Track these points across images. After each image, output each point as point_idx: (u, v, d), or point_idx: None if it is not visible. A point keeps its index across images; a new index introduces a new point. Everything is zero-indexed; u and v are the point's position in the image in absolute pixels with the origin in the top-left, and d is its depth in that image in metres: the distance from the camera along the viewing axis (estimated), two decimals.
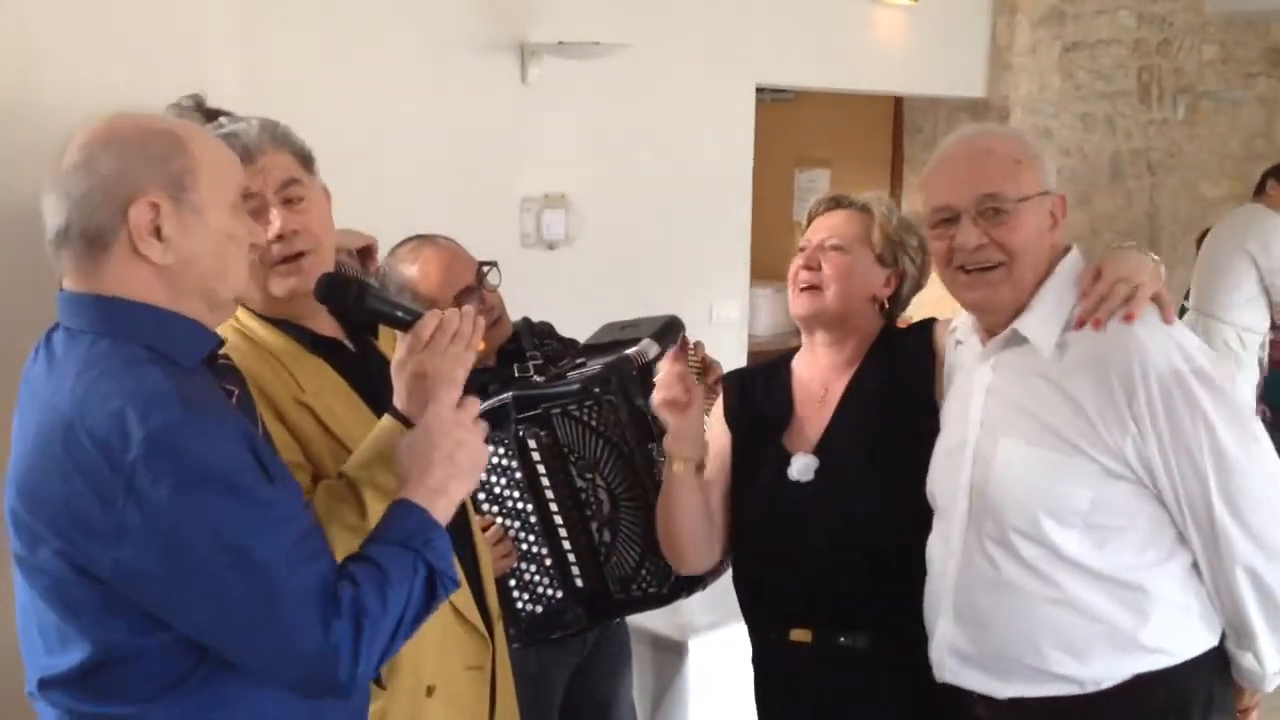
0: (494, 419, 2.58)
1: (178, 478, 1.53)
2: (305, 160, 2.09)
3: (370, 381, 2.08)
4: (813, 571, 2.41)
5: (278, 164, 2.03)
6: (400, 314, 1.96)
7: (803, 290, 2.48)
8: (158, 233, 1.65)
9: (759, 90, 5.61)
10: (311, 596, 1.57)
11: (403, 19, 4.28)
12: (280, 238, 2.01)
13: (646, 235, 5.07)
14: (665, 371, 2.41)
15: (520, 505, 2.71)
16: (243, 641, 1.59)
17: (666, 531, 2.52)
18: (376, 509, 1.80)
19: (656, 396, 2.41)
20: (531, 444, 2.65)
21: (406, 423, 1.88)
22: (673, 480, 2.45)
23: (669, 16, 5.08)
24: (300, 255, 2.03)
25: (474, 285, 2.82)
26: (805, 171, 7.82)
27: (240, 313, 2.00)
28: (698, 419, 2.44)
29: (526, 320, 3.02)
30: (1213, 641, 2.13)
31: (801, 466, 2.45)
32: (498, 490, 2.71)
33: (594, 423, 2.63)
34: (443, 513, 1.75)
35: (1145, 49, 7.04)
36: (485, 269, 2.85)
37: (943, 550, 2.24)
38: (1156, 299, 2.11)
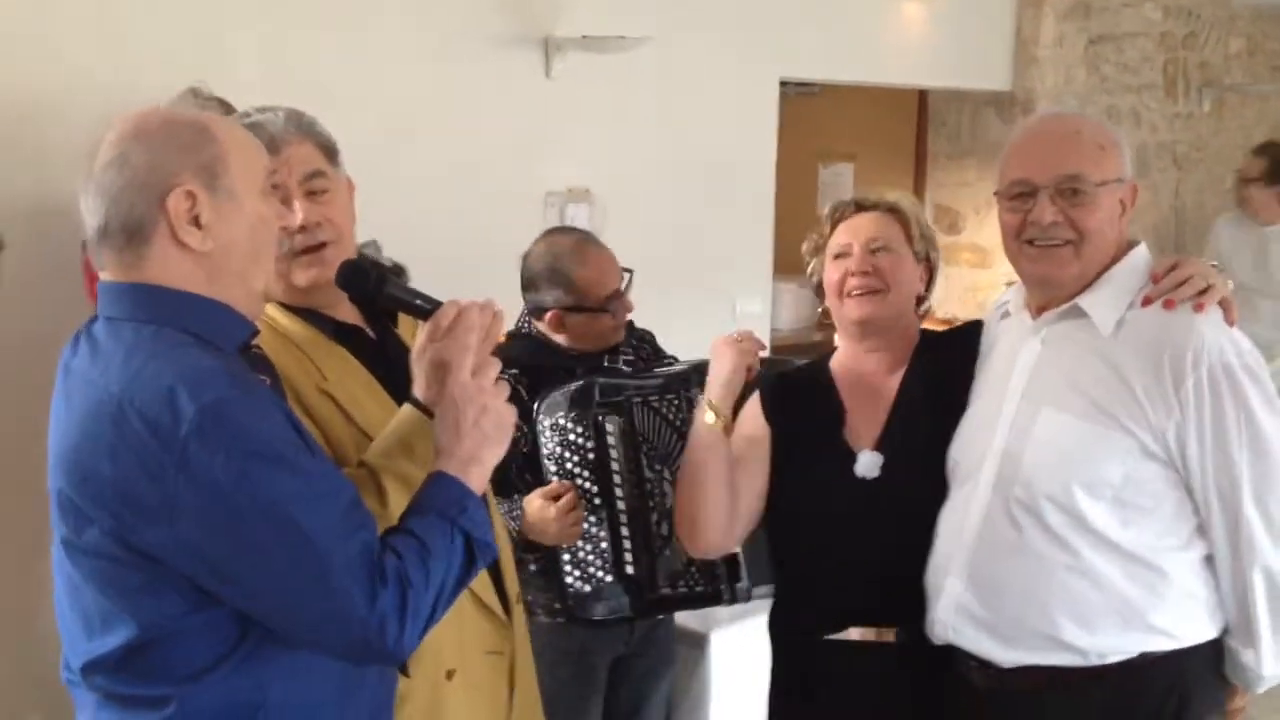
0: (578, 399, 2.73)
1: (230, 451, 1.56)
2: (329, 151, 2.13)
3: (390, 369, 2.10)
4: (883, 568, 2.40)
5: (302, 155, 2.07)
6: (419, 302, 1.97)
7: (859, 295, 2.47)
8: (196, 221, 1.68)
9: (782, 84, 5.61)
10: (359, 566, 1.61)
11: (426, 14, 4.30)
12: (303, 229, 2.04)
13: (670, 229, 5.08)
14: (750, 338, 2.48)
15: (587, 485, 2.78)
16: (293, 611, 1.63)
17: (691, 500, 2.45)
18: (397, 497, 1.83)
19: (741, 351, 2.44)
20: (609, 428, 2.74)
21: (426, 411, 1.90)
22: (710, 437, 2.41)
23: (693, 10, 5.08)
24: (323, 246, 2.07)
25: (620, 290, 2.95)
26: (829, 166, 7.81)
27: None
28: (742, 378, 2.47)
29: (630, 323, 3.11)
30: (1214, 633, 2.17)
31: (868, 463, 2.44)
32: (569, 466, 2.78)
33: (672, 417, 2.73)
34: (477, 481, 1.79)
35: (1171, 42, 7.00)
36: (626, 275, 2.98)
37: (959, 513, 2.27)
38: (1224, 303, 2.15)
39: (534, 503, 2.74)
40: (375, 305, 2.13)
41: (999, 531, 2.20)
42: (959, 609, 2.24)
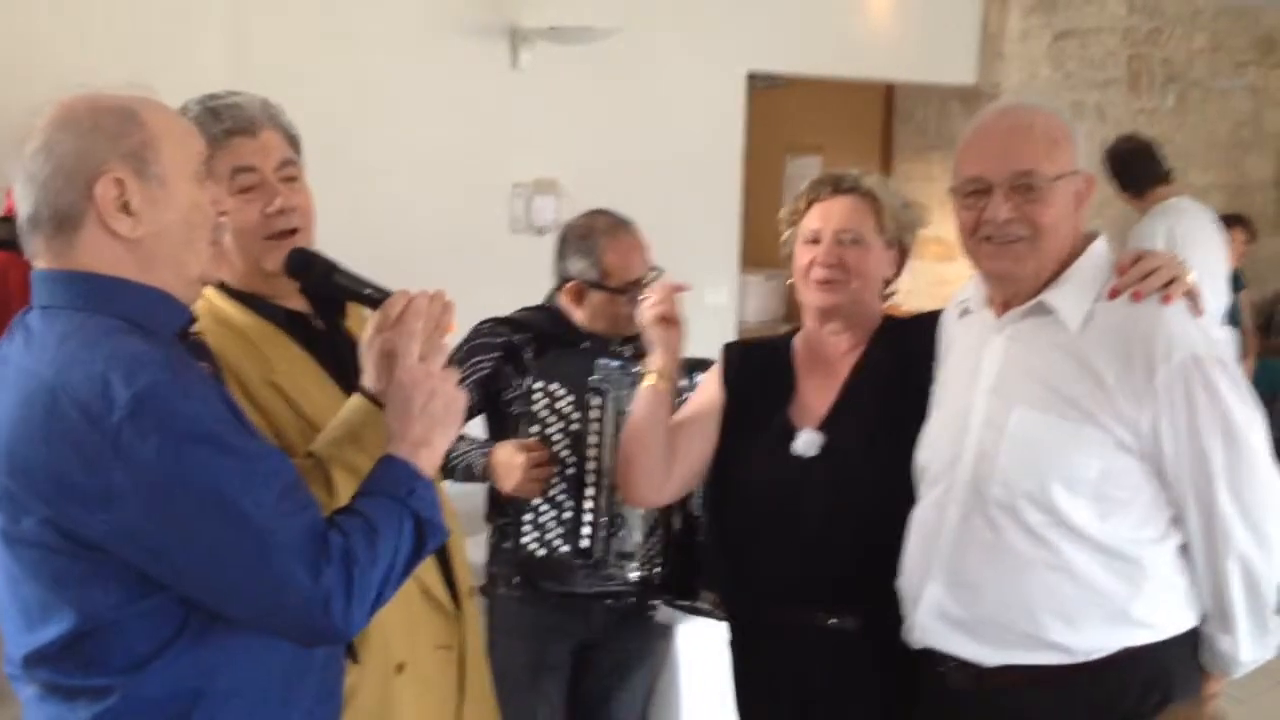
0: (574, 371, 2.78)
1: (164, 436, 1.55)
2: (294, 142, 2.13)
3: (338, 360, 2.09)
4: (809, 549, 2.41)
5: (275, 142, 2.06)
6: (368, 291, 1.96)
7: (821, 284, 2.49)
8: (126, 208, 1.66)
9: (750, 77, 5.62)
10: (301, 546, 1.60)
11: (393, 3, 4.28)
12: (281, 211, 2.03)
13: (637, 221, 5.07)
14: (660, 287, 2.50)
15: (564, 454, 2.80)
16: (237, 594, 1.62)
17: (628, 453, 2.55)
18: (346, 486, 1.83)
19: (653, 310, 2.50)
20: (595, 402, 2.77)
21: (375, 401, 1.90)
22: (654, 397, 2.51)
23: (661, 2, 5.08)
24: (294, 232, 2.05)
25: (642, 280, 2.99)
26: (796, 159, 7.83)
27: (209, 291, 2.01)
28: (679, 338, 2.53)
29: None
30: (1193, 622, 2.18)
31: (806, 441, 2.46)
32: (550, 431, 2.81)
33: None
34: (427, 463, 1.79)
35: (1135, 37, 7.04)
36: (655, 272, 3.04)
37: (934, 516, 2.25)
38: (1190, 294, 2.15)
39: (506, 448, 2.78)
40: (324, 294, 2.12)
41: (977, 533, 2.18)
42: (939, 613, 2.22)
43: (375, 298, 1.94)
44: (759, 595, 2.51)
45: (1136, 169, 5.72)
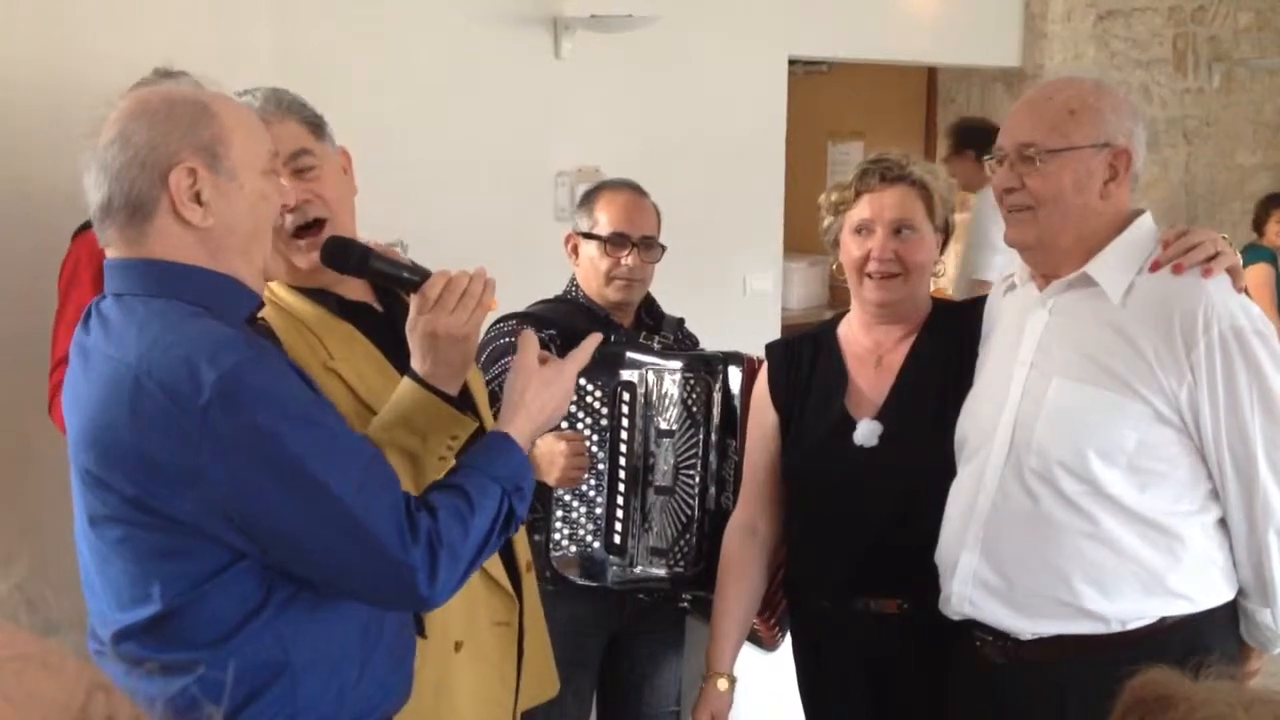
0: (602, 364, 2.76)
1: (252, 415, 1.61)
2: (315, 127, 2.11)
3: (399, 343, 2.10)
4: (881, 538, 2.43)
5: (286, 134, 2.05)
6: (406, 275, 1.98)
7: (879, 279, 2.49)
8: (198, 198, 1.71)
9: (791, 62, 5.60)
10: (388, 517, 1.67)
11: None
12: (296, 207, 2.03)
13: (680, 208, 5.04)
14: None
15: (594, 449, 2.82)
16: (325, 564, 1.69)
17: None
18: (400, 469, 1.86)
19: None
20: (625, 397, 2.80)
21: (423, 384, 1.93)
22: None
23: None
24: (318, 225, 2.06)
25: (633, 239, 2.98)
26: (839, 144, 7.80)
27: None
28: None
29: (680, 320, 3.17)
30: (1230, 595, 2.19)
31: (867, 432, 2.47)
32: (580, 427, 2.84)
33: (684, 395, 2.78)
34: (527, 444, 1.89)
35: (1180, 16, 6.97)
36: (660, 247, 3.04)
37: (972, 487, 2.27)
38: (1231, 270, 2.16)
39: (546, 438, 2.73)
40: (373, 281, 2.13)
41: (1014, 502, 2.20)
42: (976, 582, 2.24)
43: (414, 280, 1.96)
44: (829, 586, 2.51)
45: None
